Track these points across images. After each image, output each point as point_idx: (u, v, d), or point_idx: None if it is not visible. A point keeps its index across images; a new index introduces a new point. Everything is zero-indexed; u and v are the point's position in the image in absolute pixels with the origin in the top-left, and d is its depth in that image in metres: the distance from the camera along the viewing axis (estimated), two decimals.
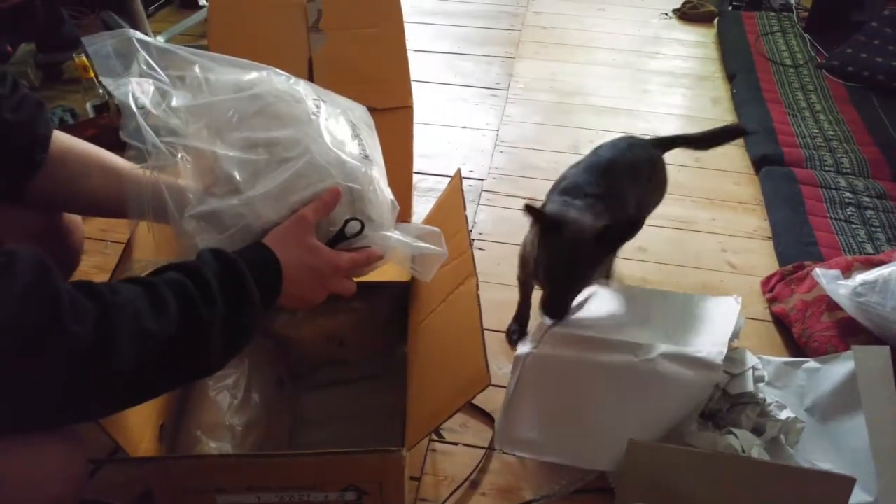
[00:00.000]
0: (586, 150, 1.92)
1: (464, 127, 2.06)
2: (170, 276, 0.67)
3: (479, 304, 0.87)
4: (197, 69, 0.81)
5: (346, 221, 0.80)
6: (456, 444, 1.14)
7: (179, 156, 0.76)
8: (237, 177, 0.75)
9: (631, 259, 1.57)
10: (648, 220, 1.69)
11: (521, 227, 1.64)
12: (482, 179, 1.83)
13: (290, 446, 1.04)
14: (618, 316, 1.14)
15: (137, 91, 0.77)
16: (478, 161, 1.90)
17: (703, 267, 1.57)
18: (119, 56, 0.78)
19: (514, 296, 1.43)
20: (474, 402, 1.19)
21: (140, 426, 0.85)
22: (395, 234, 0.84)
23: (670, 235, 1.66)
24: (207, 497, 0.86)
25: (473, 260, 0.94)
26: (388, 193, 0.88)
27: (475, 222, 1.68)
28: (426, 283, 1.05)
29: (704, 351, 1.03)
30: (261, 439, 0.94)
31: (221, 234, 0.76)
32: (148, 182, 0.75)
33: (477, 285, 0.90)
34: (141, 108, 0.77)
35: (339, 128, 0.82)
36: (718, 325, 1.10)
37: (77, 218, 0.97)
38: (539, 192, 1.77)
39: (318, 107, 0.81)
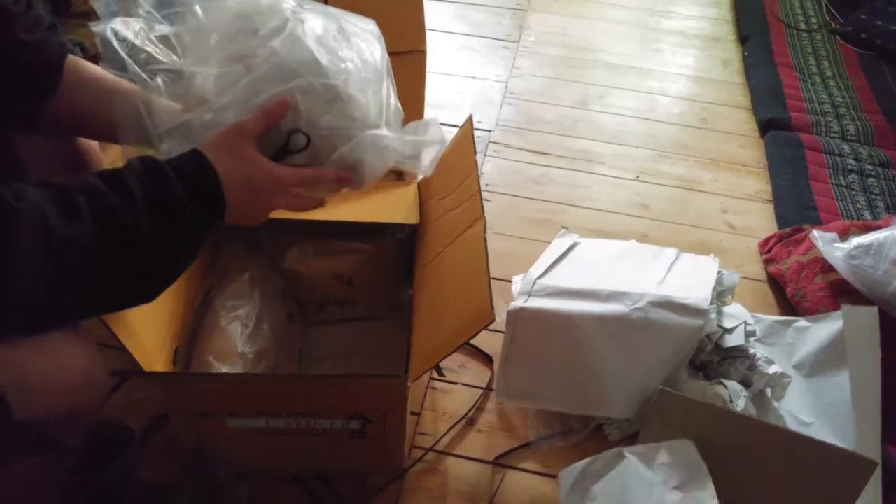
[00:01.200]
0: (595, 107, 1.96)
1: (473, 77, 2.06)
2: (85, 180, 0.65)
3: (486, 247, 0.89)
4: (197, 7, 0.79)
5: (290, 134, 0.76)
6: (455, 383, 1.19)
7: (159, 80, 0.75)
8: (211, 90, 0.74)
9: (633, 215, 1.60)
10: (652, 178, 1.72)
11: (528, 179, 1.67)
12: (490, 131, 1.84)
13: None
14: (605, 267, 1.18)
15: (120, 26, 0.77)
16: (486, 112, 1.90)
17: (704, 226, 1.59)
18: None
19: (517, 246, 1.46)
20: (475, 344, 1.23)
21: (155, 349, 0.89)
22: (386, 132, 0.81)
23: (672, 194, 1.68)
24: (218, 421, 0.90)
25: (482, 203, 0.96)
26: (388, 97, 0.84)
27: (482, 172, 1.69)
28: (433, 224, 1.08)
29: (691, 298, 1.07)
30: (270, 368, 0.98)
31: None
32: (131, 104, 0.75)
33: (485, 228, 0.92)
34: (122, 41, 0.76)
35: (319, 29, 0.78)
36: (700, 278, 1.14)
37: (94, 146, 0.98)
38: (547, 145, 1.79)
39: (296, 13, 0.78)
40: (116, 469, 0.98)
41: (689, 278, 1.17)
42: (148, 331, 0.86)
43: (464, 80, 2.04)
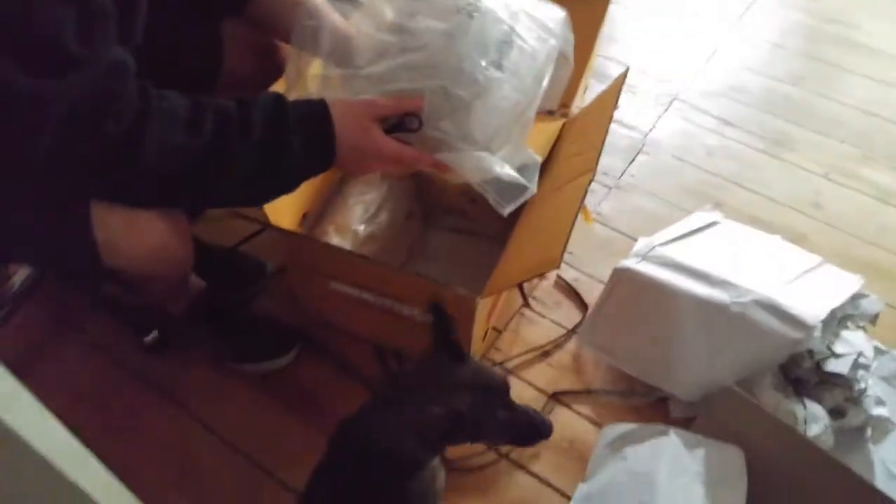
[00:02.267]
0: (813, 87, 1.78)
1: (689, 35, 1.95)
2: (224, 102, 0.73)
3: (584, 199, 0.92)
4: None
5: (405, 115, 0.83)
6: (544, 317, 1.25)
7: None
8: (360, 52, 0.83)
9: (801, 212, 1.48)
10: (843, 179, 1.56)
11: (700, 146, 1.61)
12: (682, 89, 1.76)
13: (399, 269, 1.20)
14: (732, 254, 1.14)
15: None
16: (683, 68, 1.82)
17: (881, 246, 1.43)
18: None
19: (660, 209, 1.44)
20: (575, 288, 1.28)
21: (287, 210, 1.06)
22: (485, 157, 0.84)
23: (860, 202, 1.52)
24: (324, 281, 1.06)
25: (598, 158, 0.98)
26: (524, 112, 0.87)
27: (654, 127, 1.65)
28: (554, 165, 1.12)
29: (800, 308, 1.01)
30: (375, 252, 1.12)
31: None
32: (311, 16, 0.85)
33: (591, 180, 0.95)
34: None
35: (489, 26, 0.81)
36: (828, 294, 1.06)
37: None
38: (737, 117, 1.68)
39: (472, 3, 0.81)
40: (246, 293, 1.20)
41: (816, 290, 1.10)
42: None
43: (676, 35, 1.94)
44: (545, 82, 0.89)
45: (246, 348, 1.15)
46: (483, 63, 0.81)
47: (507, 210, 0.88)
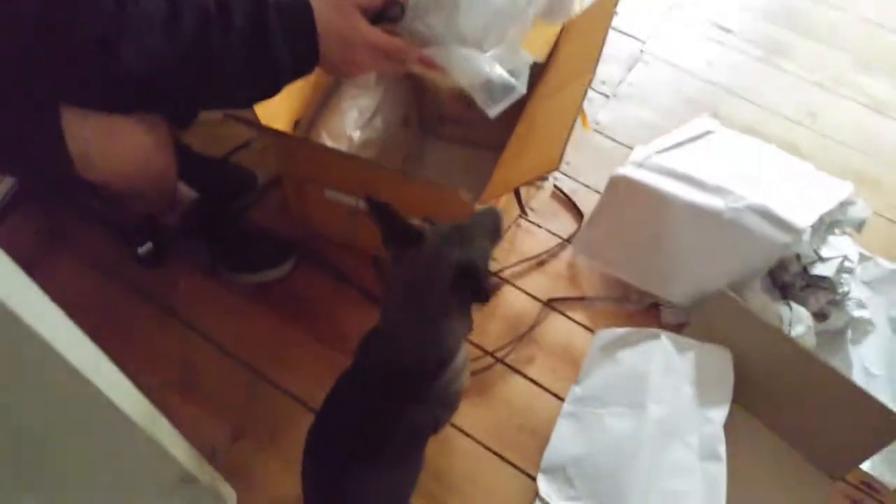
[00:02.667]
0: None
1: None
2: (202, 1, 0.71)
3: (583, 101, 0.91)
4: None
5: (387, 2, 0.80)
6: (540, 227, 1.26)
7: None
8: None
9: (795, 122, 1.48)
10: (839, 88, 1.54)
11: (699, 55, 1.57)
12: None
13: None
14: (727, 161, 1.14)
15: None
16: None
17: (873, 157, 1.44)
18: None
19: (658, 118, 1.43)
20: (571, 197, 1.28)
21: (278, 118, 1.03)
22: (474, 55, 0.81)
23: (855, 113, 1.52)
24: (319, 189, 1.05)
25: (598, 60, 0.96)
26: (507, 12, 0.84)
27: (654, 34, 1.61)
28: (552, 67, 1.09)
29: (791, 214, 1.02)
30: (372, 159, 1.10)
31: None
32: None
33: (590, 82, 0.93)
34: None
35: None
36: (818, 200, 1.07)
37: None
38: (738, 25, 1.62)
39: None
40: (239, 203, 1.19)
41: (806, 196, 1.11)
42: (273, 101, 1.00)
43: None
44: None
45: (241, 259, 1.14)
46: None
47: (494, 111, 0.85)
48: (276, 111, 1.02)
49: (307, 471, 0.77)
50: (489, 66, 0.82)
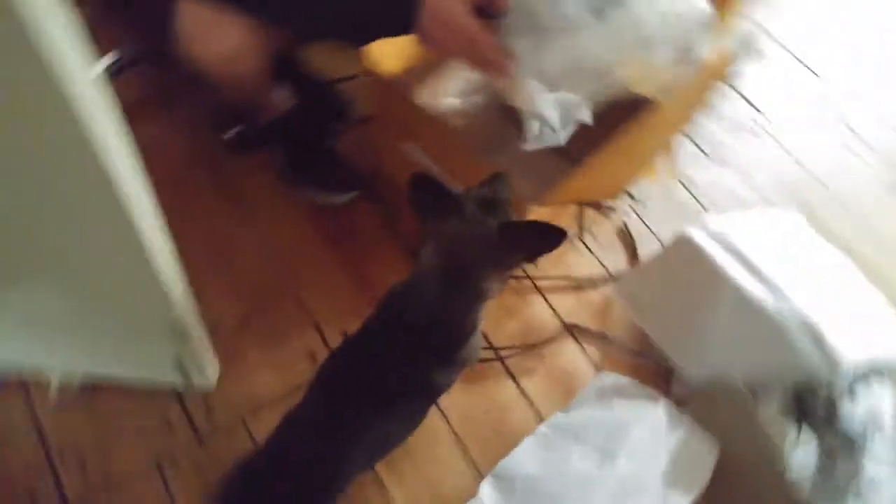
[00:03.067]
0: None
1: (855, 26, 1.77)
2: None
3: (662, 155, 0.90)
4: None
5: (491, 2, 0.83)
6: (592, 252, 1.25)
7: None
8: None
9: (880, 245, 1.38)
10: None
11: (820, 145, 1.48)
12: (827, 84, 1.63)
13: None
14: (797, 262, 1.10)
15: None
16: (840, 59, 1.67)
17: None
18: None
19: (745, 190, 1.37)
20: (634, 237, 1.26)
21: (391, 59, 1.06)
22: (540, 90, 0.84)
23: None
24: (397, 138, 1.08)
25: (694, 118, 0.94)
26: (590, 66, 0.86)
27: (771, 107, 1.55)
28: (659, 109, 1.08)
29: (839, 344, 0.98)
30: (458, 128, 1.12)
31: None
32: None
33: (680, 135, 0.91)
34: None
35: None
36: (875, 341, 1.03)
37: None
38: (873, 136, 1.53)
39: None
40: (329, 125, 1.24)
41: (866, 333, 1.06)
42: (390, 43, 1.02)
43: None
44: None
45: (311, 174, 1.20)
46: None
47: (529, 147, 0.87)
48: (390, 53, 1.05)
49: (314, 402, 0.80)
50: (549, 107, 0.84)
